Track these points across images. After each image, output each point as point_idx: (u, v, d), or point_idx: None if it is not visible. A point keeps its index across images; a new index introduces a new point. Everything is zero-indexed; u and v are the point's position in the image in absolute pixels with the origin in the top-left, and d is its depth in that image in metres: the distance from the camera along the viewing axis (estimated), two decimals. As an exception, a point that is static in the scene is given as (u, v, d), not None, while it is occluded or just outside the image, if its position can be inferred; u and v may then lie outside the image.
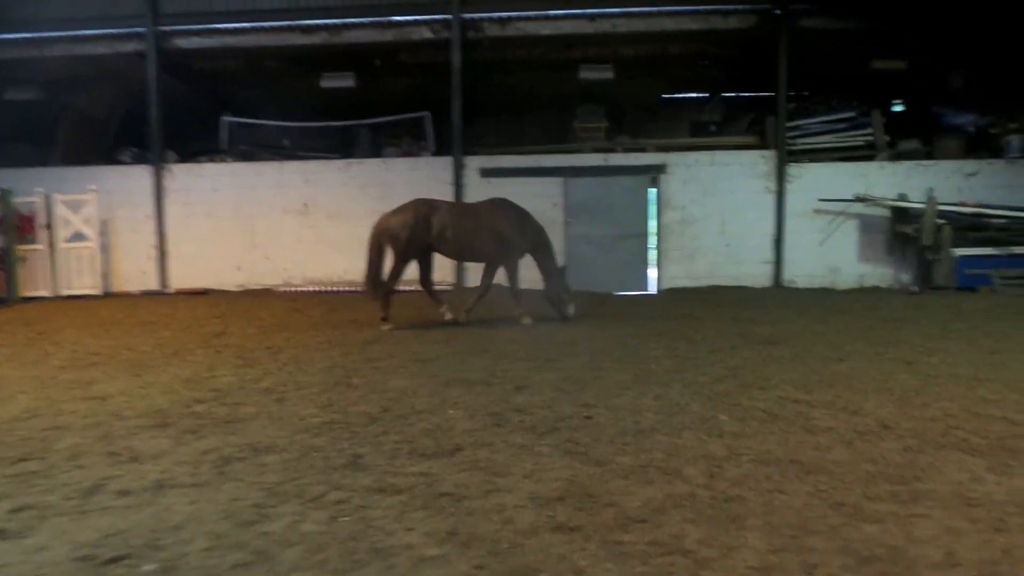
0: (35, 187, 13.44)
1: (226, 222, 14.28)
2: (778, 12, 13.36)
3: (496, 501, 3.37)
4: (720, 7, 13.48)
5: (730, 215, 13.77)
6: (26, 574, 2.79)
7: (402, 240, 8.87)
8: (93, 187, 13.52)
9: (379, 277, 9.03)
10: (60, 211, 13.50)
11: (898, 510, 3.23)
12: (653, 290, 13.83)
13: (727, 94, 16.58)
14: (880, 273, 13.57)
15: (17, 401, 5.49)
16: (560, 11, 13.67)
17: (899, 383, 5.66)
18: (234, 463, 3.98)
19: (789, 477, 3.63)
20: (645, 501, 3.34)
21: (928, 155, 13.88)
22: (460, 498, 3.42)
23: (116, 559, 2.89)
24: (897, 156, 13.78)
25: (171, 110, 14.50)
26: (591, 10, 13.64)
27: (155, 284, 14.24)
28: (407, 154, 15.02)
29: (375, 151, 15.41)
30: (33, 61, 14.36)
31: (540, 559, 2.82)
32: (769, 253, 13.73)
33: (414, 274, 9.51)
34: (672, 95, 17.89)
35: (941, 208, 12.53)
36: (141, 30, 13.88)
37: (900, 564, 2.77)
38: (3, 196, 12.91)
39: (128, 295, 13.89)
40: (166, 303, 12.44)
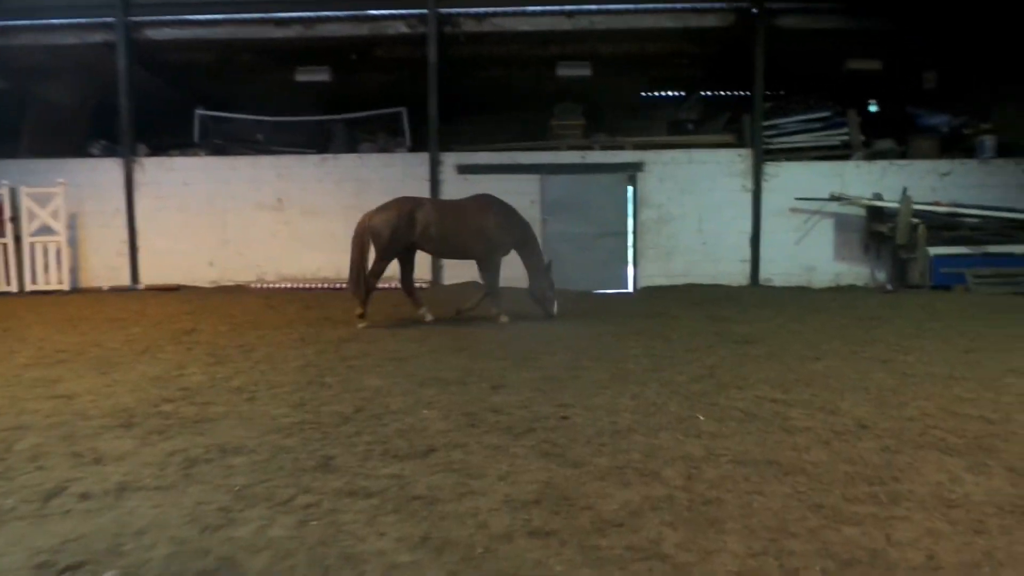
0: (0, 179, 13.14)
1: (198, 217, 14.04)
2: (755, 11, 13.41)
3: (470, 504, 3.29)
4: (698, 5, 13.50)
5: (707, 213, 13.79)
6: (-21, 583, 2.67)
7: (384, 238, 8.77)
8: (61, 180, 13.23)
9: (363, 275, 8.94)
10: (26, 204, 13.19)
11: (877, 512, 3.19)
12: (630, 288, 13.83)
13: (705, 93, 16.64)
14: (856, 272, 13.68)
15: (-23, 400, 5.31)
16: (538, 7, 13.63)
17: (876, 382, 5.65)
18: (201, 465, 3.86)
19: (767, 478, 3.59)
20: (622, 504, 3.28)
21: (903, 155, 14.03)
22: (433, 501, 3.32)
23: (75, 566, 2.76)
24: (872, 156, 13.90)
25: (143, 102, 14.23)
26: (569, 6, 13.61)
27: (125, 280, 13.97)
28: (383, 150, 14.89)
29: (351, 146, 15.24)
30: (-2, 50, 14.04)
31: (515, 565, 2.74)
32: (746, 251, 13.78)
33: (392, 272, 9.43)
34: (650, 93, 17.94)
35: (916, 207, 12.66)
36: (111, 20, 13.62)
37: (881, 567, 2.72)
38: (-33, 189, 12.63)
39: (97, 291, 13.62)
40: (136, 299, 12.20)
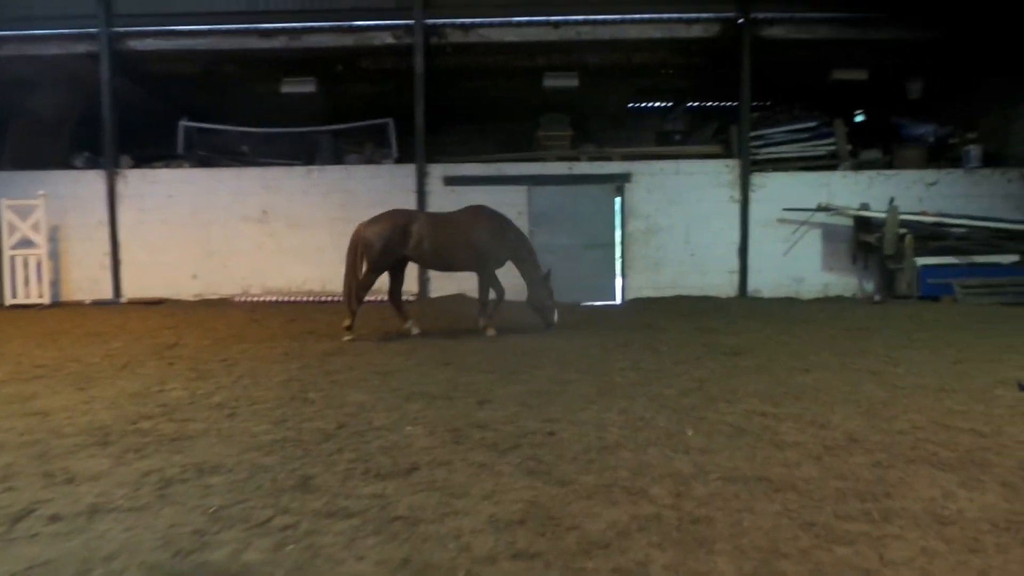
0: (-20, 192, 12.98)
1: (182, 230, 13.87)
2: (741, 21, 13.42)
3: (453, 525, 3.20)
4: (684, 15, 13.51)
5: (695, 224, 13.75)
6: (-63, 614, 2.56)
7: (376, 250, 8.70)
8: (42, 192, 13.06)
9: (354, 286, 8.87)
10: (7, 216, 13.02)
11: (870, 530, 3.11)
12: (618, 300, 13.76)
13: (692, 103, 16.66)
14: (844, 282, 13.67)
15: (-52, 418, 5.17)
16: (524, 18, 13.59)
17: (866, 395, 5.60)
18: (176, 485, 3.75)
19: (757, 496, 3.51)
20: (609, 524, 3.19)
21: (889, 165, 14.07)
22: (415, 522, 3.23)
23: (40, 593, 2.67)
24: (859, 166, 13.93)
25: (126, 114, 14.09)
26: (555, 17, 13.58)
27: (107, 293, 13.76)
28: (370, 161, 14.79)
29: (337, 158, 15.15)
30: (-21, 61, 13.88)
31: (498, 589, 2.66)
32: (734, 262, 13.74)
33: (381, 284, 9.33)
34: (637, 104, 17.95)
35: (903, 217, 12.67)
36: (94, 31, 13.48)
37: (875, 589, 2.65)
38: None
39: (79, 304, 13.42)
40: (118, 313, 12.04)
